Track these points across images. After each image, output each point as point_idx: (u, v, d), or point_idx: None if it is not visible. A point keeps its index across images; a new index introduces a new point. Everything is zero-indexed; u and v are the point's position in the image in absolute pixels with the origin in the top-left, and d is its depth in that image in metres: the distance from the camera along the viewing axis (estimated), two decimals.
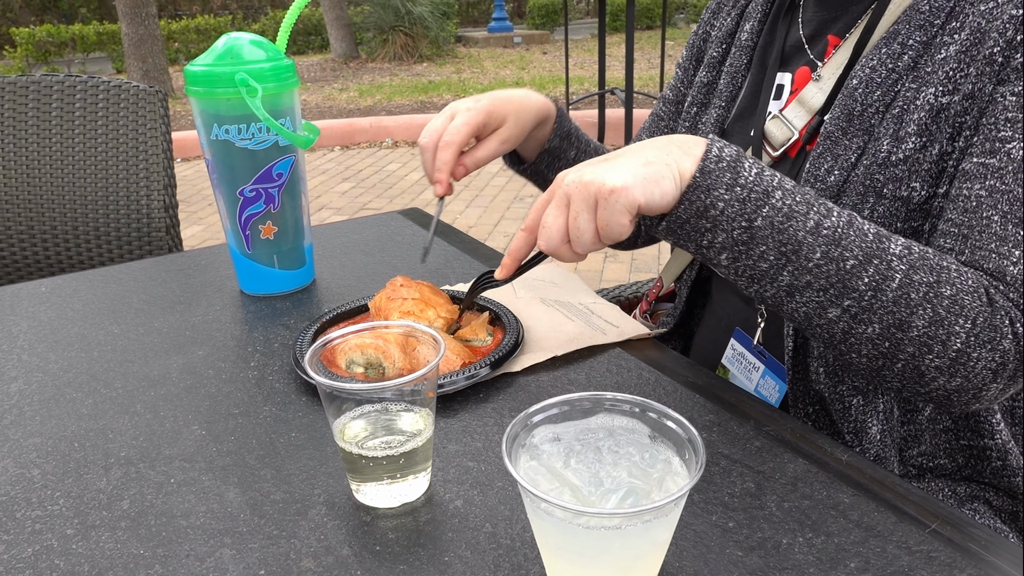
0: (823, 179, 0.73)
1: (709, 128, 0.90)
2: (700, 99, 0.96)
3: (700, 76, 0.96)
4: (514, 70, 9.22)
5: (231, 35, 0.84)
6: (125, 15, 7.59)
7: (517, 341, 0.74)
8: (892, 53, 0.71)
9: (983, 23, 0.66)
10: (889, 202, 0.69)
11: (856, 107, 0.72)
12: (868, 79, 0.71)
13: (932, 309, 0.61)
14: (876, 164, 0.69)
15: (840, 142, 0.72)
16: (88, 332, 0.84)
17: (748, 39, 0.91)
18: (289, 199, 0.88)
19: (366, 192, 4.78)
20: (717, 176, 0.60)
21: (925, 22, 0.70)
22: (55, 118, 1.54)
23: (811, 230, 0.61)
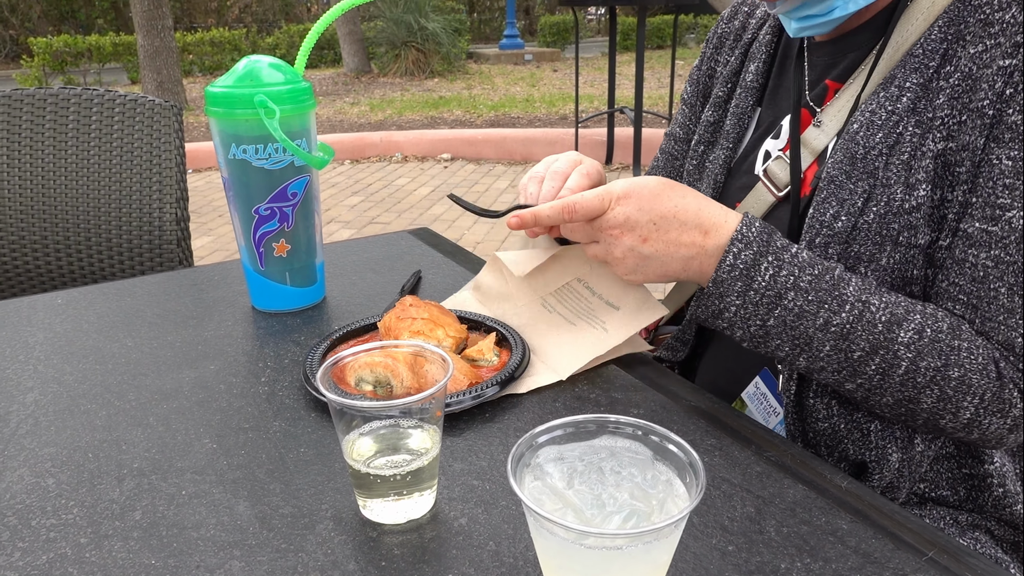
0: (829, 225, 0.72)
1: (718, 169, 0.91)
2: (707, 138, 0.96)
3: (707, 115, 0.97)
4: (524, 87, 9.29)
5: (251, 58, 0.86)
6: (141, 27, 7.70)
7: (523, 362, 0.75)
8: (890, 96, 0.71)
9: (974, 69, 0.67)
10: (905, 249, 0.69)
11: (858, 151, 0.72)
12: (868, 122, 0.72)
13: (939, 390, 0.67)
14: (891, 212, 0.69)
15: (844, 186, 0.72)
16: (103, 345, 0.85)
17: (753, 80, 0.92)
18: (303, 218, 0.90)
19: (375, 206, 4.81)
20: (729, 285, 0.69)
21: (920, 65, 0.70)
22: (72, 130, 1.57)
23: (820, 327, 0.68)
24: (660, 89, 8.28)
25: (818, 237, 0.72)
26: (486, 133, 6.18)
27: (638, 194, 0.70)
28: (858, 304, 0.67)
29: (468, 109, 7.66)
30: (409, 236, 1.22)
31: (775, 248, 0.69)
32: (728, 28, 1.00)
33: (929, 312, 0.68)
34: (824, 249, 0.72)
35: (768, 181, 0.83)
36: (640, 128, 4.93)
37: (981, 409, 0.67)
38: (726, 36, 1.00)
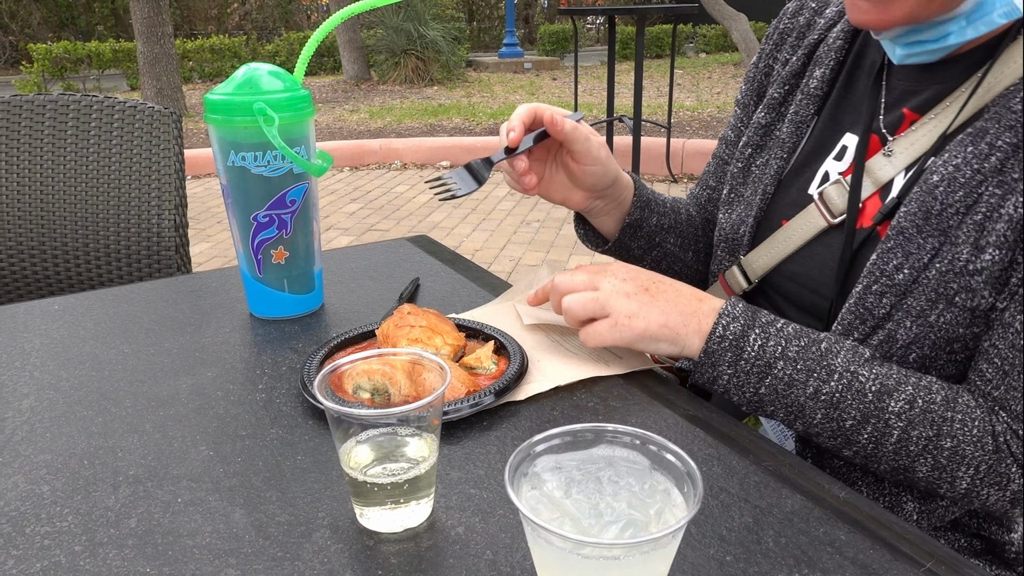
0: (891, 275, 0.70)
1: (768, 179, 0.87)
2: (756, 140, 0.91)
3: (759, 116, 0.91)
4: (524, 95, 9.31)
5: (250, 65, 0.86)
6: (141, 34, 7.71)
7: (521, 370, 0.75)
8: (979, 153, 0.67)
9: None
10: (958, 311, 0.68)
11: (935, 206, 0.69)
12: (951, 178, 0.68)
13: (933, 459, 0.68)
14: (953, 272, 0.67)
15: (914, 240, 0.69)
16: (99, 351, 0.85)
17: (817, 87, 0.86)
18: (301, 225, 0.90)
19: (374, 213, 4.82)
20: (720, 355, 0.72)
21: (1016, 123, 0.66)
22: (71, 136, 1.57)
23: (811, 395, 0.69)
24: (659, 98, 8.31)
25: (875, 284, 0.71)
26: (485, 141, 6.19)
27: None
28: (847, 374, 0.69)
29: (467, 117, 7.68)
30: (408, 243, 1.22)
31: (761, 322, 0.72)
32: (791, 24, 0.94)
33: (923, 384, 0.68)
34: (879, 298, 0.71)
35: (823, 205, 0.80)
36: (639, 136, 4.94)
37: (977, 480, 0.67)
38: (788, 32, 0.94)
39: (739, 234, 0.89)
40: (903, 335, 0.70)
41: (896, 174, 0.76)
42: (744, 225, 0.88)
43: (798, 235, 0.82)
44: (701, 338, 0.73)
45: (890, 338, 0.71)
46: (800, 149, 0.87)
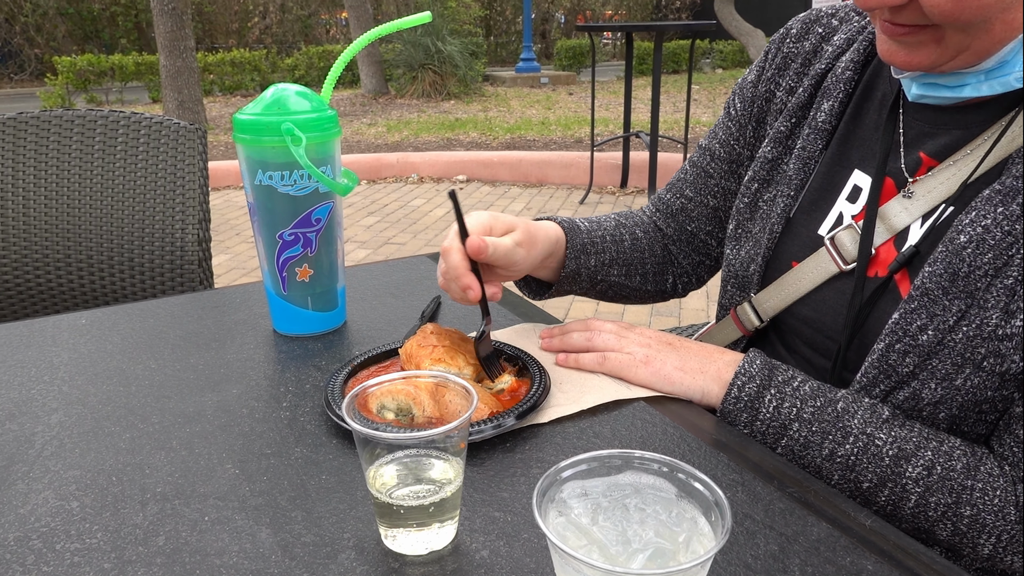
0: (914, 336, 0.69)
1: (775, 217, 0.86)
2: (763, 176, 0.89)
3: (764, 150, 0.89)
4: (540, 110, 9.35)
5: (279, 86, 0.88)
6: (164, 47, 7.83)
7: (544, 391, 0.75)
8: (1009, 214, 0.65)
9: None
10: (987, 375, 0.67)
11: (963, 268, 0.67)
12: (980, 239, 0.66)
13: (952, 525, 0.67)
14: (981, 336, 0.66)
15: (939, 301, 0.68)
16: (126, 366, 0.86)
17: (825, 121, 0.84)
18: (326, 243, 0.91)
19: (391, 227, 4.84)
20: (736, 416, 0.74)
21: None
22: (98, 151, 1.60)
23: (827, 457, 0.70)
24: (676, 113, 8.31)
25: (898, 343, 0.70)
26: (502, 155, 6.22)
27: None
28: (863, 437, 0.69)
29: (484, 131, 7.72)
30: (428, 260, 1.23)
31: (777, 382, 0.73)
32: (796, 48, 0.90)
33: (944, 449, 0.68)
34: (902, 356, 0.70)
35: (834, 250, 0.79)
36: (656, 152, 4.95)
37: (1000, 548, 0.66)
38: (792, 57, 0.91)
39: (749, 272, 0.89)
40: (928, 395, 0.69)
41: (912, 222, 0.74)
42: (753, 263, 0.88)
43: (809, 279, 0.81)
44: (721, 386, 0.76)
45: (915, 396, 0.70)
46: (808, 186, 0.85)
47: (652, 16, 18.41)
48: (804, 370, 0.84)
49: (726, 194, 1.00)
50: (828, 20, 0.90)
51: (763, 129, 0.94)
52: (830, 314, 0.80)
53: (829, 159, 0.84)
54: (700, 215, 1.03)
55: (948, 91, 0.71)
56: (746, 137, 0.96)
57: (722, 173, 0.99)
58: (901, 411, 0.71)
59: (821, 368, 0.82)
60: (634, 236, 1.03)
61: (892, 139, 0.79)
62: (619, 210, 1.10)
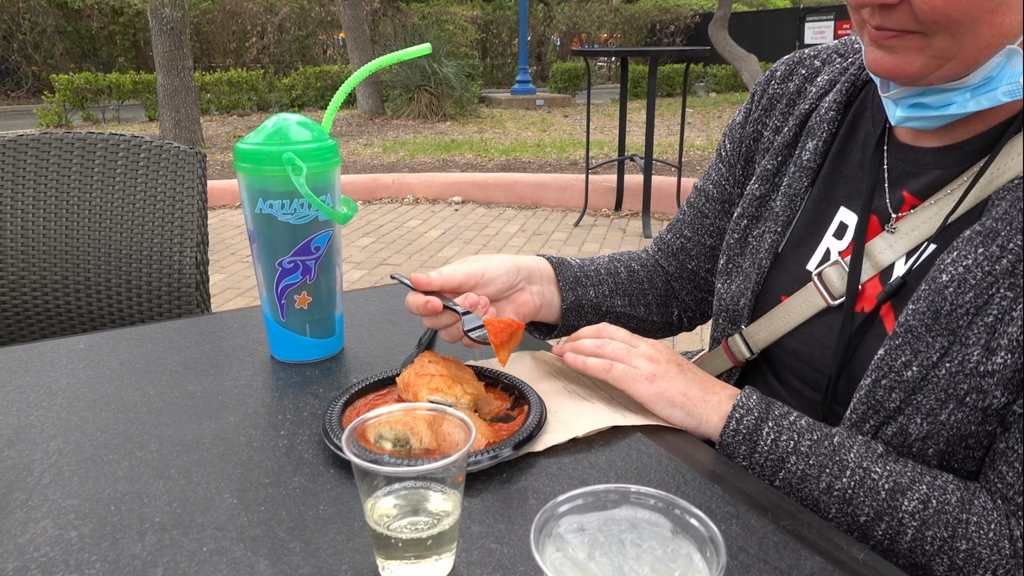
0: (899, 371, 0.70)
1: (763, 253, 0.88)
2: (751, 212, 0.92)
3: (752, 188, 0.92)
4: (535, 132, 9.41)
5: (280, 116, 0.89)
6: (162, 67, 7.87)
7: (540, 422, 0.76)
8: (990, 255, 0.67)
9: None
10: (970, 410, 0.68)
11: (945, 306, 0.68)
12: (961, 279, 0.68)
13: (949, 559, 0.68)
14: (963, 373, 0.67)
15: (922, 338, 0.69)
16: (124, 392, 0.87)
17: (810, 160, 0.86)
18: (324, 271, 0.92)
19: (386, 248, 4.85)
20: (735, 448, 0.75)
21: None
22: (97, 173, 1.61)
23: (824, 490, 0.71)
24: (670, 136, 8.38)
25: (884, 379, 0.71)
26: (497, 177, 6.25)
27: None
28: (859, 471, 0.70)
29: (480, 153, 7.77)
30: None
31: (775, 415, 0.74)
32: (781, 89, 0.93)
33: (939, 484, 0.69)
34: (888, 392, 0.71)
35: (822, 285, 0.81)
36: (650, 176, 4.99)
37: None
38: (778, 98, 0.93)
39: (739, 306, 0.90)
40: (916, 430, 0.70)
41: (896, 259, 0.76)
42: (743, 297, 0.90)
43: (797, 313, 0.83)
44: (720, 417, 0.77)
45: (904, 432, 0.71)
46: (795, 222, 0.87)
47: (647, 40, 18.62)
48: (795, 402, 0.85)
49: (722, 233, 1.02)
50: (811, 62, 0.93)
51: (752, 168, 0.96)
52: (818, 348, 0.81)
53: (815, 196, 0.86)
54: (699, 254, 1.05)
55: (934, 110, 0.71)
56: (736, 177, 0.99)
57: (716, 213, 1.02)
58: (892, 447, 0.72)
59: (812, 401, 0.83)
60: (630, 268, 1.05)
61: (876, 177, 0.80)
62: (613, 232, 1.13)
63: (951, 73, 0.69)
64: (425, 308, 0.85)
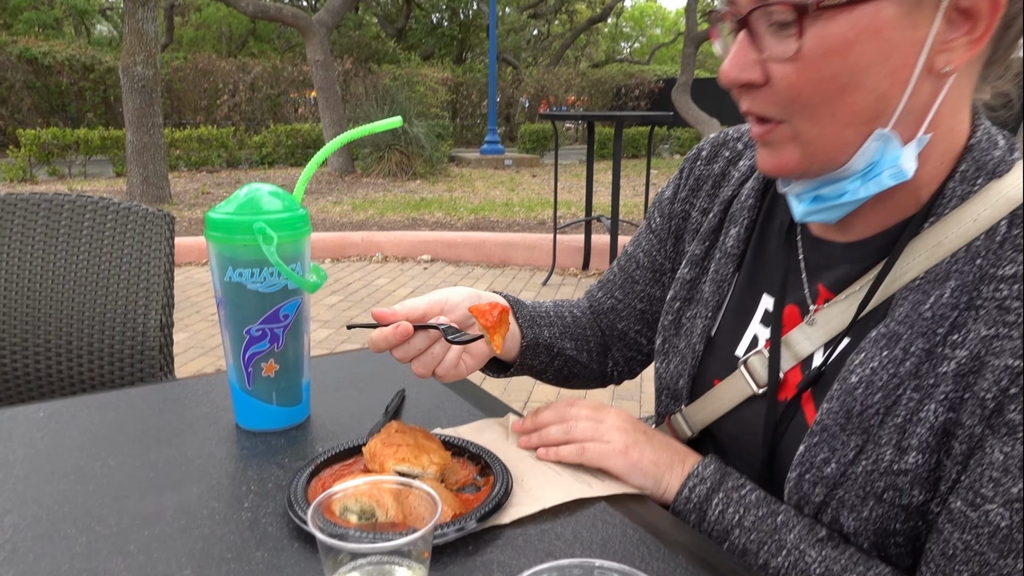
0: (819, 468, 0.72)
1: (696, 337, 0.90)
2: (683, 295, 0.94)
3: (683, 271, 0.94)
4: (504, 191, 9.54)
5: (252, 186, 0.91)
6: (132, 124, 7.88)
7: (506, 492, 0.76)
8: (894, 358, 0.69)
9: (983, 352, 0.65)
10: (888, 507, 0.69)
11: (856, 407, 0.70)
12: (868, 381, 0.70)
13: None
14: (878, 471, 0.69)
15: (838, 437, 0.71)
16: (84, 463, 0.85)
17: (734, 247, 0.89)
18: (293, 338, 0.92)
19: (354, 306, 4.83)
20: (686, 515, 0.79)
21: (928, 330, 0.68)
22: (63, 235, 1.60)
23: (761, 567, 0.74)
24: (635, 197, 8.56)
25: (807, 474, 0.73)
26: (466, 236, 6.31)
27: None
28: (795, 551, 0.72)
29: (449, 211, 7.84)
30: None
31: (727, 487, 0.77)
32: (707, 171, 0.96)
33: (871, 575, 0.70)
34: (812, 487, 0.73)
35: (748, 374, 0.83)
36: (616, 236, 5.07)
37: None
38: (704, 179, 0.96)
39: (678, 386, 0.92)
40: (845, 523, 0.72)
41: (815, 349, 0.78)
42: (682, 378, 0.91)
43: (728, 398, 0.85)
44: (677, 484, 0.79)
45: (836, 522, 0.72)
46: (725, 307, 0.89)
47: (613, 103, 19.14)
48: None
49: (652, 300, 1.04)
50: (734, 144, 0.96)
51: (682, 245, 0.99)
52: (750, 434, 0.83)
53: (742, 282, 0.88)
54: (629, 315, 1.07)
55: (831, 201, 0.73)
56: (667, 250, 1.01)
57: (647, 280, 1.04)
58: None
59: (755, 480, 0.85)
60: (573, 315, 1.08)
61: (789, 267, 0.83)
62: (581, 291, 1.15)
63: (829, 160, 0.70)
64: (395, 334, 0.84)
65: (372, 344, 0.87)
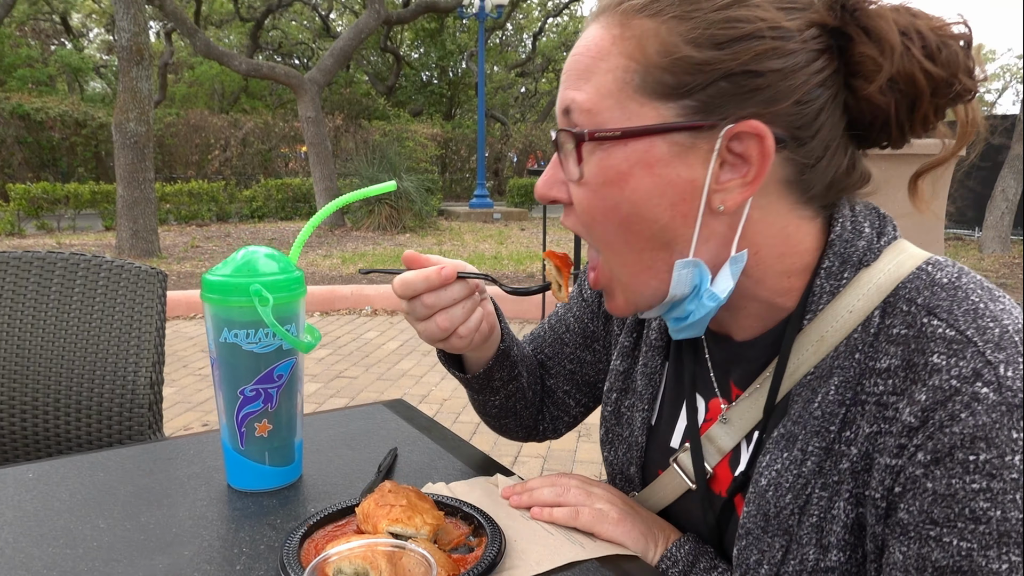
0: (754, 568, 0.71)
1: (636, 429, 0.89)
2: (619, 386, 0.93)
3: (615, 363, 0.94)
4: (493, 244, 9.62)
5: (249, 248, 0.92)
6: (123, 179, 7.94)
7: (499, 554, 0.76)
8: (794, 458, 0.69)
9: (870, 448, 0.65)
10: None
11: (771, 509, 0.70)
12: (776, 483, 0.69)
13: None
14: (806, 571, 0.68)
15: (763, 539, 0.70)
16: (74, 526, 0.85)
17: (657, 339, 0.89)
18: (286, 398, 0.93)
19: (343, 360, 4.82)
20: None
21: (821, 428, 0.68)
22: (55, 292, 1.60)
23: None
24: None
25: (747, 573, 0.72)
26: None
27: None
28: None
29: None
30: (384, 409, 1.24)
31: (698, 569, 0.77)
32: None
33: None
34: None
35: (680, 469, 0.83)
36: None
37: None
38: None
39: (630, 473, 0.91)
40: None
41: (735, 443, 0.77)
42: (632, 466, 0.90)
43: (670, 490, 0.85)
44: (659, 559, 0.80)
45: None
46: (661, 397, 0.89)
47: None
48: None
49: (582, 363, 1.04)
50: None
51: (611, 325, 1.00)
52: (694, 525, 0.83)
53: (671, 374, 0.88)
54: (558, 374, 1.06)
55: (684, 321, 0.74)
56: (599, 321, 1.01)
57: (577, 344, 1.04)
58: None
59: None
60: (523, 351, 1.05)
61: (699, 363, 0.83)
62: None
63: (650, 295, 0.73)
64: (440, 275, 0.82)
65: (405, 286, 0.84)
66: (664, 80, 0.65)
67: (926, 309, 0.64)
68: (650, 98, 0.66)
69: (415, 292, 0.84)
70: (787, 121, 0.66)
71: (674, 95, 0.65)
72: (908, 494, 0.61)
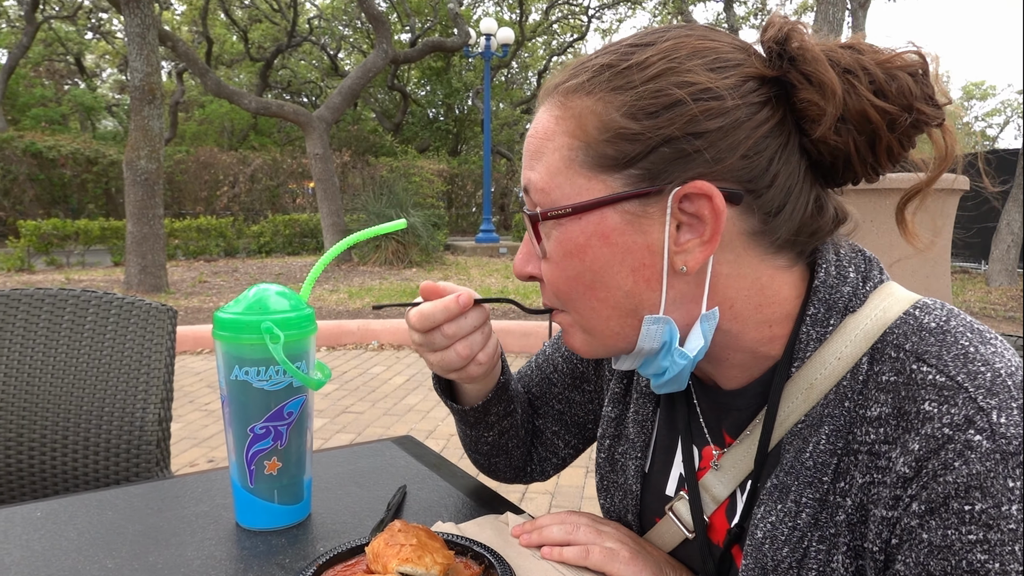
0: None
1: (631, 478, 0.88)
2: (612, 433, 0.92)
3: (607, 410, 0.93)
4: (499, 278, 9.64)
5: (260, 286, 0.93)
6: (133, 215, 8.01)
7: None
8: (788, 511, 0.67)
9: (865, 499, 0.64)
10: None
11: (768, 562, 0.68)
12: (772, 536, 0.68)
13: None
14: None
15: None
16: (81, 565, 0.84)
17: (647, 385, 0.87)
18: (296, 436, 0.92)
19: (349, 395, 4.80)
20: None
21: (814, 479, 0.66)
22: (65, 330, 1.61)
23: None
24: None
25: None
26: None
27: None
28: None
29: None
30: (393, 446, 1.24)
31: None
32: None
33: None
34: None
35: (676, 518, 0.82)
36: None
37: None
38: None
39: (627, 521, 0.90)
40: None
41: (730, 492, 0.76)
42: (630, 514, 0.89)
43: (668, 538, 0.83)
44: None
45: None
46: (653, 444, 0.87)
47: None
48: None
49: (571, 403, 1.03)
50: None
51: (602, 369, 0.99)
52: (697, 569, 0.82)
53: (663, 420, 0.87)
54: (547, 414, 1.05)
55: (661, 378, 0.74)
56: (589, 362, 1.00)
57: (565, 384, 1.03)
58: None
59: None
60: (518, 387, 1.04)
61: (690, 411, 0.83)
62: None
63: (613, 345, 0.73)
64: (459, 303, 0.82)
65: (423, 318, 0.83)
66: (606, 153, 0.67)
67: (915, 355, 0.63)
68: (596, 172, 0.68)
69: (434, 324, 0.83)
70: (737, 175, 0.66)
71: (618, 166, 0.67)
72: (904, 546, 0.60)
